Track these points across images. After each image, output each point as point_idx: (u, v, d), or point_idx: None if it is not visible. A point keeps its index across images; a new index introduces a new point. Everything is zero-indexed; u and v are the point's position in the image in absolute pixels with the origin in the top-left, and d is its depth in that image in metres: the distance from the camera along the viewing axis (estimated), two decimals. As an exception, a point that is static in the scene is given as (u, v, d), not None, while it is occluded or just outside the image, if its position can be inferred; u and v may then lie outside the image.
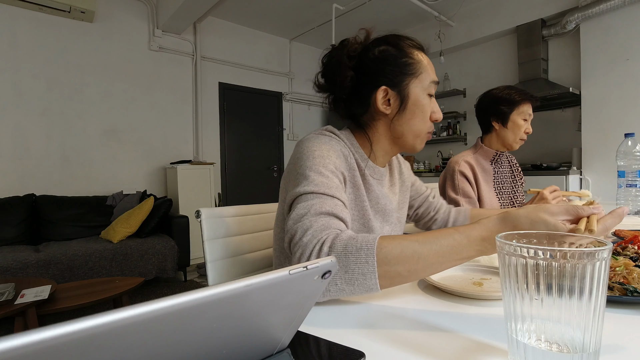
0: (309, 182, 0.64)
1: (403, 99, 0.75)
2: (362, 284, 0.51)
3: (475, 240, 0.50)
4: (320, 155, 0.68)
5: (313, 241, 0.55)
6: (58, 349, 0.16)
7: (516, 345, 0.33)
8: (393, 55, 0.75)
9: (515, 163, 1.54)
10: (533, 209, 0.49)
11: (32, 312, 1.65)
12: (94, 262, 2.60)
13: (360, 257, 0.51)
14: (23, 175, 3.19)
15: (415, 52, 0.76)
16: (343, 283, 0.52)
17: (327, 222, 0.58)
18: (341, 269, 0.52)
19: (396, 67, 0.75)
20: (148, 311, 0.19)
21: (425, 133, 0.78)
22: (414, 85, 0.75)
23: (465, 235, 0.50)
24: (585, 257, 0.29)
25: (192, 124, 4.23)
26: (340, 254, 0.52)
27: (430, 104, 0.77)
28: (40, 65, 3.26)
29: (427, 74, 0.76)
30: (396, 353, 0.40)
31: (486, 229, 0.50)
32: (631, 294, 0.50)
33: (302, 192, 0.63)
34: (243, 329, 0.28)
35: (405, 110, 0.76)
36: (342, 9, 4.01)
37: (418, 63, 0.75)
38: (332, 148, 0.72)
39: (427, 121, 0.77)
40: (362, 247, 0.52)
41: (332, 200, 0.62)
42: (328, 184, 0.64)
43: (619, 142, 1.50)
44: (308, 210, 0.60)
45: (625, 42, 3.04)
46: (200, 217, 0.89)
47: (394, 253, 0.51)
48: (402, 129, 0.77)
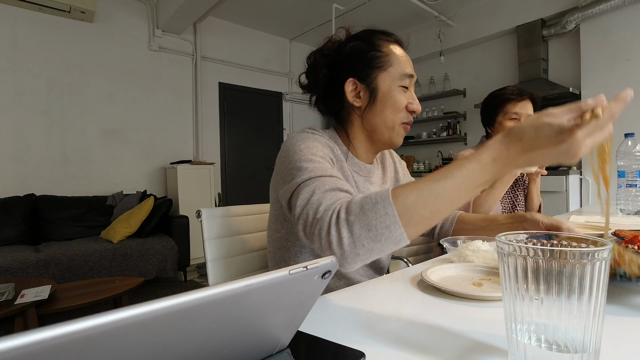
0: (302, 171, 0.64)
1: (372, 91, 0.76)
2: (389, 237, 0.50)
3: (487, 163, 0.49)
4: (307, 147, 0.69)
5: (328, 213, 0.54)
6: (58, 349, 0.16)
7: (516, 345, 0.33)
8: (361, 49, 0.76)
9: None
10: (536, 116, 0.47)
11: (32, 312, 1.65)
12: (94, 262, 2.60)
13: (378, 210, 0.50)
14: (23, 175, 3.19)
15: (386, 45, 0.77)
16: (370, 242, 0.50)
17: (334, 195, 0.58)
18: (364, 228, 0.50)
19: (363, 60, 0.76)
20: (148, 311, 0.19)
21: (399, 124, 0.77)
22: (383, 78, 0.75)
23: (476, 161, 0.49)
24: (585, 257, 0.29)
25: (192, 124, 4.23)
26: (358, 214, 0.51)
27: (405, 97, 0.76)
28: (40, 65, 3.26)
29: (398, 67, 0.76)
30: (396, 353, 0.40)
31: (493, 149, 0.49)
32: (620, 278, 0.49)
33: (300, 182, 0.62)
34: (243, 329, 0.28)
35: (375, 103, 0.76)
36: (342, 9, 4.01)
37: (387, 56, 0.76)
38: (317, 140, 0.73)
39: (400, 112, 0.76)
40: (377, 201, 0.51)
41: (330, 179, 0.62)
42: (322, 167, 0.64)
43: (619, 142, 1.50)
44: (313, 192, 0.59)
45: (625, 42, 3.04)
46: (200, 217, 0.90)
47: (410, 198, 0.50)
48: (374, 122, 0.78)
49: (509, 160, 0.48)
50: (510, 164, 0.48)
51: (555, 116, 0.46)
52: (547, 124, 0.45)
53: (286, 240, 0.79)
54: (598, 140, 0.45)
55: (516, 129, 0.48)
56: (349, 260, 0.52)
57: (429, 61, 4.80)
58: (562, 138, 0.44)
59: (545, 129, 0.45)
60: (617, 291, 0.58)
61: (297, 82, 0.85)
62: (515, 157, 0.48)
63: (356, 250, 0.51)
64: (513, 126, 0.49)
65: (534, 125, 0.46)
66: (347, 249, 0.51)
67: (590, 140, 0.44)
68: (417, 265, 0.78)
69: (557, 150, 0.45)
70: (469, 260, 0.75)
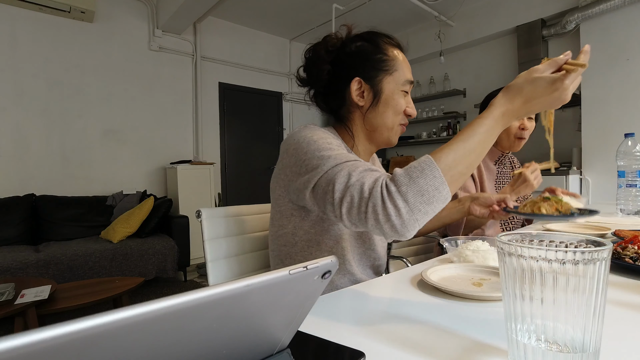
0: (326, 159, 0.64)
1: (376, 93, 0.78)
2: (439, 197, 0.55)
3: (498, 118, 0.58)
4: (320, 137, 0.70)
5: (377, 189, 0.56)
6: (58, 349, 0.16)
7: (516, 345, 0.33)
8: (368, 50, 0.78)
9: (517, 165, 1.54)
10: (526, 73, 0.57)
11: (32, 312, 1.65)
12: (94, 262, 2.60)
13: (427, 175, 0.55)
14: (23, 175, 3.19)
15: (391, 50, 0.79)
16: (425, 205, 0.55)
17: (372, 174, 0.60)
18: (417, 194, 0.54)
19: (371, 62, 0.78)
20: (148, 311, 0.19)
21: (398, 125, 0.81)
22: (387, 82, 0.78)
23: (490, 117, 0.58)
24: (585, 257, 0.29)
25: (192, 124, 4.23)
26: (409, 184, 0.55)
27: (404, 101, 0.80)
28: (40, 65, 3.26)
29: (402, 72, 0.79)
30: (396, 353, 0.40)
31: (501, 104, 0.58)
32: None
33: (327, 169, 0.63)
34: (243, 329, 0.28)
35: (378, 104, 0.79)
36: (342, 9, 4.01)
37: (392, 60, 0.78)
38: (324, 132, 0.75)
39: (400, 115, 0.80)
40: (424, 167, 0.55)
41: (358, 162, 0.64)
42: (343, 154, 0.66)
43: (619, 142, 1.50)
44: (349, 175, 0.60)
45: (625, 42, 3.04)
46: (200, 217, 0.90)
47: (450, 158, 0.56)
48: (375, 122, 0.80)
49: (514, 111, 0.58)
50: (515, 115, 0.59)
51: (542, 72, 0.56)
52: (540, 78, 0.56)
53: (292, 235, 0.79)
54: (576, 85, 0.56)
55: (514, 86, 0.58)
56: (409, 228, 0.56)
57: (428, 61, 4.80)
58: (555, 87, 0.55)
59: (539, 82, 0.56)
60: (617, 291, 0.58)
61: (296, 75, 0.85)
62: (519, 109, 0.58)
63: (414, 216, 0.55)
64: (510, 84, 0.59)
65: (529, 79, 0.57)
66: (406, 217, 0.54)
67: (573, 86, 0.55)
68: (417, 265, 0.78)
69: (551, 97, 0.56)
70: (469, 260, 0.75)
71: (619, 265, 0.68)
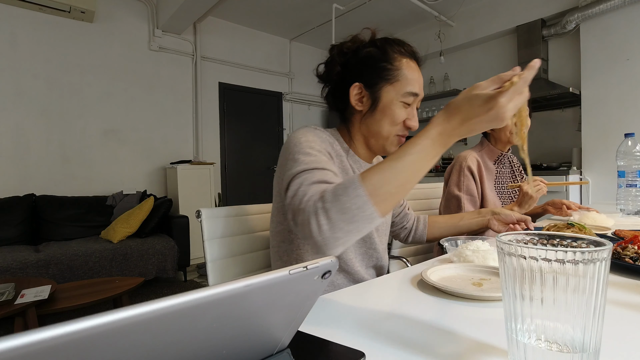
0: (298, 163, 0.68)
1: (374, 100, 0.78)
2: (362, 216, 0.54)
3: (435, 137, 0.55)
4: (307, 140, 0.73)
5: (309, 203, 0.59)
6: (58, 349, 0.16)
7: (516, 345, 0.33)
8: (374, 57, 0.78)
9: (516, 164, 1.53)
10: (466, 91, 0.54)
11: (32, 312, 1.65)
12: (94, 262, 2.60)
13: (349, 194, 0.55)
14: (23, 175, 3.19)
15: (399, 59, 0.78)
16: (347, 224, 0.54)
17: (319, 187, 0.62)
18: (339, 212, 0.54)
19: (374, 69, 0.78)
20: (148, 311, 0.19)
21: (394, 136, 0.80)
22: (387, 91, 0.77)
23: (425, 136, 0.56)
24: (585, 257, 0.29)
25: (192, 124, 4.23)
26: (332, 201, 0.55)
27: (405, 112, 0.78)
28: (40, 65, 3.26)
29: (405, 83, 0.77)
30: (396, 353, 0.40)
31: (437, 123, 0.55)
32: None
33: (294, 173, 0.67)
34: (243, 329, 0.28)
35: (375, 112, 0.79)
36: (342, 9, 4.01)
37: (396, 70, 0.77)
38: (317, 135, 0.77)
39: (397, 125, 0.79)
40: (347, 186, 0.56)
41: (321, 171, 0.66)
42: (316, 160, 0.68)
43: (619, 142, 1.50)
44: (301, 184, 0.64)
45: (625, 42, 3.04)
46: (200, 217, 0.90)
47: (376, 178, 0.55)
48: (371, 128, 0.81)
49: (452, 131, 0.55)
50: (454, 134, 0.55)
51: (482, 88, 0.53)
52: (477, 95, 0.52)
53: (289, 232, 0.80)
54: (519, 103, 0.51)
55: (452, 104, 0.55)
56: (330, 246, 0.56)
57: (429, 61, 4.80)
58: (490, 105, 0.50)
59: (475, 100, 0.52)
60: (617, 291, 0.58)
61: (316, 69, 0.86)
62: (457, 128, 0.54)
63: (335, 234, 0.55)
64: (450, 101, 0.56)
65: (467, 97, 0.53)
66: (326, 235, 0.55)
67: (512, 104, 0.50)
68: (417, 265, 0.78)
69: (488, 116, 0.51)
70: (469, 260, 0.75)
71: (619, 265, 0.68)
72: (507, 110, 0.50)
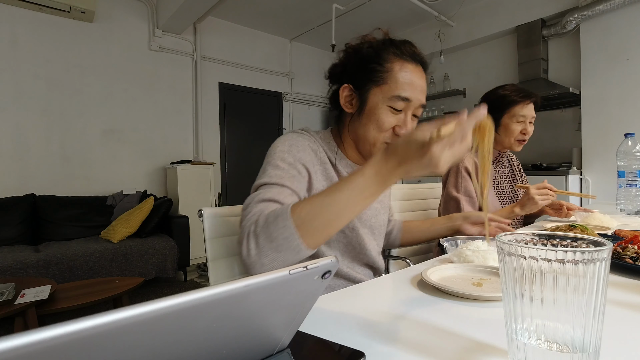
0: (264, 175, 0.69)
1: (362, 103, 0.76)
2: (288, 247, 0.55)
3: (370, 176, 0.54)
4: (282, 150, 0.73)
5: (247, 224, 0.60)
6: (58, 349, 0.16)
7: (516, 345, 0.33)
8: (366, 58, 0.75)
9: (515, 163, 1.53)
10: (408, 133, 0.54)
11: (32, 312, 1.65)
12: (94, 262, 2.60)
13: (279, 223, 0.55)
14: (23, 175, 3.19)
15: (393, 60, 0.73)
16: (273, 252, 0.56)
17: (264, 206, 0.63)
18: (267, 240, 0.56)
19: (363, 70, 0.75)
20: (148, 311, 0.19)
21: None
22: (374, 93, 0.74)
23: (360, 174, 0.54)
24: (585, 257, 0.29)
25: (192, 124, 4.23)
26: (263, 227, 0.57)
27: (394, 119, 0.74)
28: (40, 65, 3.26)
29: (394, 87, 0.72)
30: (396, 353, 0.40)
31: (374, 163, 0.54)
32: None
33: (255, 185, 0.69)
34: (243, 329, 0.28)
35: (361, 114, 0.76)
36: (342, 9, 4.01)
37: (386, 72, 0.73)
38: (297, 143, 0.75)
39: (383, 132, 0.75)
40: (278, 214, 0.56)
41: (279, 188, 0.66)
42: (281, 174, 0.69)
43: (619, 142, 1.50)
44: (252, 200, 0.65)
45: (625, 42, 3.04)
46: (202, 216, 0.90)
47: (305, 211, 0.55)
48: (358, 132, 0.78)
49: (388, 172, 0.53)
50: (391, 176, 0.53)
51: (422, 131, 0.50)
52: (414, 139, 0.50)
53: None
54: (457, 152, 0.49)
55: (392, 145, 0.53)
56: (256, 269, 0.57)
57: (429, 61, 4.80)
58: (423, 152, 0.49)
59: (412, 144, 0.50)
60: (617, 291, 0.58)
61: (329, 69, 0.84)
62: (394, 170, 0.53)
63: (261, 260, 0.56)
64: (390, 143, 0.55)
65: (406, 140, 0.51)
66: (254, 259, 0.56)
67: (448, 153, 0.48)
68: (417, 265, 0.78)
69: (422, 162, 0.49)
70: (469, 260, 0.75)
71: (619, 265, 0.68)
72: (440, 158, 0.48)
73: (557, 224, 1.06)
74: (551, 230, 0.89)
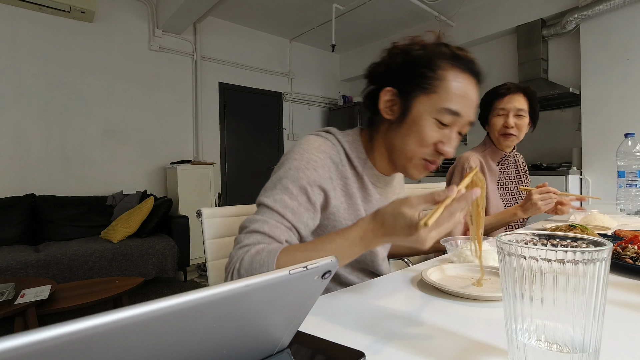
0: (271, 193, 0.67)
1: (404, 110, 0.68)
2: None
3: (354, 240, 0.55)
4: (297, 168, 0.67)
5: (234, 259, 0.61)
6: (58, 349, 0.16)
7: (516, 345, 0.33)
8: (417, 61, 0.66)
9: (522, 163, 1.51)
10: (397, 203, 0.51)
11: (32, 312, 1.65)
12: (94, 262, 2.60)
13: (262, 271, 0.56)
14: (23, 175, 3.19)
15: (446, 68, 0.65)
16: None
17: (256, 239, 0.62)
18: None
19: (411, 74, 0.67)
20: (148, 311, 0.19)
21: (419, 159, 0.69)
22: (420, 102, 0.66)
23: (345, 237, 0.56)
24: (585, 257, 0.29)
25: (192, 124, 4.23)
26: (248, 270, 0.58)
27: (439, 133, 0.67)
28: (40, 65, 3.26)
29: (444, 98, 0.65)
30: (396, 353, 0.40)
31: (361, 228, 0.55)
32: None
33: (261, 202, 0.67)
34: (243, 329, 0.28)
35: (402, 124, 0.68)
36: (342, 9, 4.01)
37: (437, 80, 0.65)
38: (316, 158, 0.69)
39: (425, 147, 0.67)
40: (263, 263, 0.57)
41: (277, 220, 0.65)
42: (286, 202, 0.66)
43: (619, 142, 1.50)
44: (250, 223, 0.64)
45: (625, 42, 3.04)
46: (201, 217, 0.89)
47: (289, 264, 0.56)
48: (394, 143, 0.71)
49: (373, 240, 0.54)
50: (376, 243, 0.55)
51: (411, 206, 0.50)
52: (402, 215, 0.50)
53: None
54: (445, 230, 0.50)
55: (380, 214, 0.53)
56: None
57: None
58: (411, 232, 0.49)
59: (399, 219, 0.50)
60: (617, 291, 0.58)
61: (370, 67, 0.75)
62: (378, 239, 0.54)
63: None
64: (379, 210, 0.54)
65: (393, 213, 0.51)
66: None
67: (435, 233, 0.49)
68: (417, 265, 0.78)
69: (408, 240, 0.50)
70: (469, 260, 0.75)
71: (619, 265, 0.68)
72: (427, 239, 0.49)
73: (557, 224, 1.06)
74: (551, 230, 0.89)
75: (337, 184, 0.72)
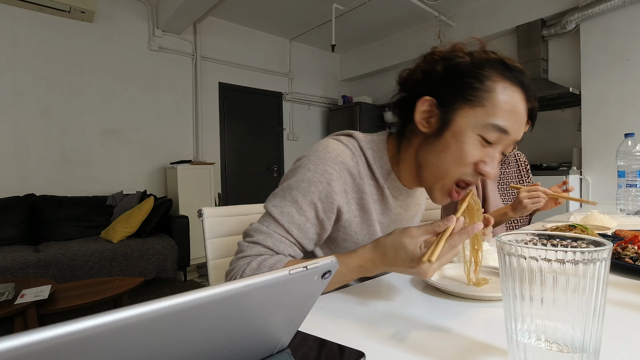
0: (280, 204, 0.64)
1: (444, 123, 0.60)
2: None
3: (353, 267, 0.57)
4: (310, 180, 0.63)
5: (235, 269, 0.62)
6: (58, 349, 0.16)
7: (516, 345, 0.33)
8: (462, 70, 0.59)
9: (524, 162, 1.51)
10: (398, 234, 0.52)
11: (32, 312, 1.65)
12: (94, 262, 2.60)
13: None
14: (23, 175, 3.19)
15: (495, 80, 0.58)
16: None
17: (257, 250, 0.63)
18: None
19: (455, 83, 0.59)
20: (148, 311, 0.19)
21: (451, 181, 0.61)
22: (464, 114, 0.58)
23: (344, 264, 0.56)
24: (585, 257, 0.29)
25: (192, 124, 4.23)
26: None
27: (481, 152, 0.59)
28: (40, 65, 3.26)
29: (491, 112, 0.57)
30: (396, 353, 0.40)
31: (361, 257, 0.56)
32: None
33: (268, 210, 0.65)
34: (243, 329, 0.28)
35: (440, 138, 0.60)
36: (342, 9, 4.01)
37: (485, 92, 0.57)
38: (335, 168, 0.64)
39: (464, 166, 0.59)
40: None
41: (282, 235, 0.64)
42: (293, 216, 0.63)
43: (619, 142, 1.50)
44: (255, 233, 0.64)
45: (625, 42, 3.04)
46: (202, 216, 0.89)
47: None
48: (428, 158, 0.63)
49: (372, 269, 0.56)
50: (374, 272, 0.56)
51: (413, 237, 0.51)
52: (404, 247, 0.51)
53: None
54: (445, 262, 0.51)
55: (381, 244, 0.54)
56: None
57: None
58: (412, 265, 0.50)
59: (401, 252, 0.51)
60: (617, 291, 0.58)
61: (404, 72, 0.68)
62: (378, 268, 0.55)
63: None
64: (379, 240, 0.55)
65: (394, 244, 0.52)
66: None
67: (437, 265, 0.50)
68: (417, 265, 0.78)
69: (409, 272, 0.52)
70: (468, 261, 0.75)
71: (619, 265, 0.68)
72: (429, 271, 0.50)
73: (557, 224, 1.06)
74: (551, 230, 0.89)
75: (352, 197, 0.68)
